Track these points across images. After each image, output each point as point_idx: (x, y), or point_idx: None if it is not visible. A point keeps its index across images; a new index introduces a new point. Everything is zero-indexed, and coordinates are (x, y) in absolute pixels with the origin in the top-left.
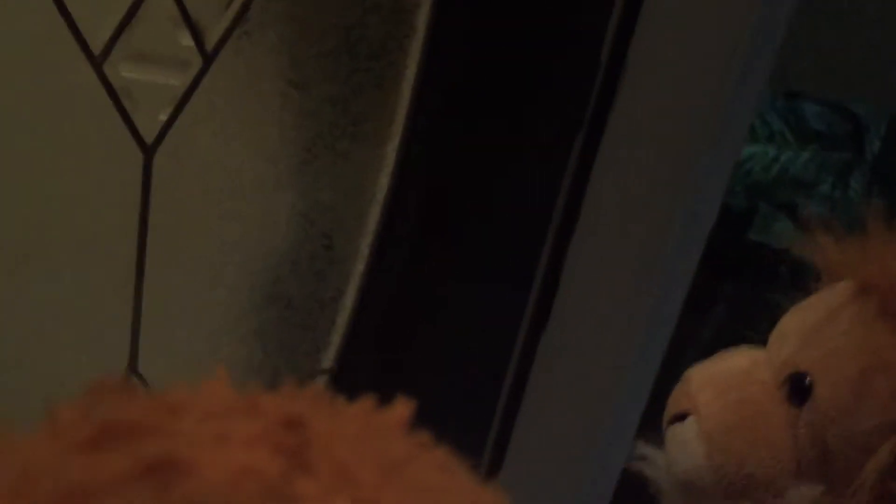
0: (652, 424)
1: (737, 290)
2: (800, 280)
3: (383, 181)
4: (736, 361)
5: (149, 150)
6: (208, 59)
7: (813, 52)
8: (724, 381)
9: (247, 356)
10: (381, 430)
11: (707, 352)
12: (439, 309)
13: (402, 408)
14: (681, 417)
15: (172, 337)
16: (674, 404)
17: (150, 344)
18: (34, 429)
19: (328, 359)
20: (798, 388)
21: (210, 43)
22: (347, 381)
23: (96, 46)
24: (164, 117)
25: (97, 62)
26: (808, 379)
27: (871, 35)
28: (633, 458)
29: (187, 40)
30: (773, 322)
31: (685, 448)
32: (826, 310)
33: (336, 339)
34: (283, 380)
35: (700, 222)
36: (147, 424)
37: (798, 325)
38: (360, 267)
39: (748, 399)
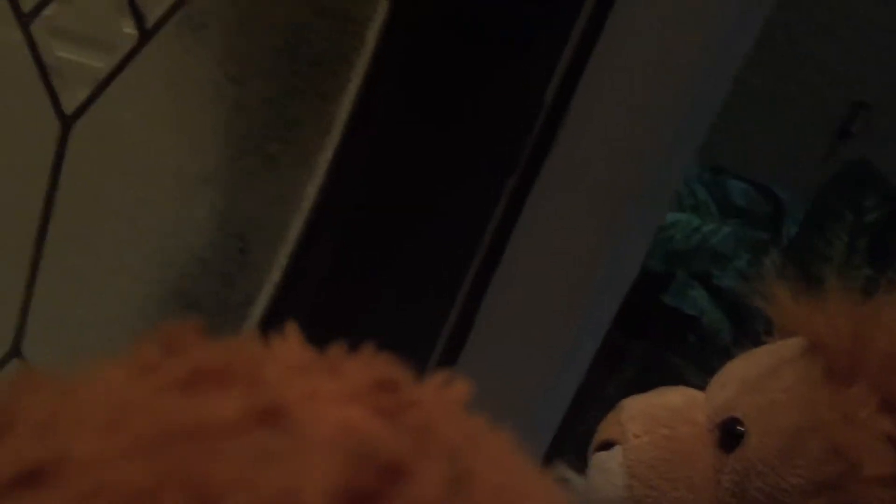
0: (575, 450)
1: (646, 350)
2: (706, 348)
3: (310, 191)
4: (673, 398)
5: (67, 121)
6: (146, 35)
7: (742, 134)
8: (657, 416)
9: None
10: (451, 404)
11: (612, 406)
12: (353, 334)
13: (464, 386)
14: (608, 445)
15: (64, 322)
16: (603, 431)
17: (38, 326)
18: (110, 366)
19: None
20: (729, 435)
21: (150, 21)
22: None
23: (27, 5)
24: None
25: (25, 20)
26: (741, 427)
27: (800, 126)
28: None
29: (129, 27)
30: (675, 384)
31: (607, 476)
32: (772, 362)
33: None
34: None
35: (620, 280)
36: (237, 371)
37: (741, 372)
38: (275, 276)
39: (678, 437)
